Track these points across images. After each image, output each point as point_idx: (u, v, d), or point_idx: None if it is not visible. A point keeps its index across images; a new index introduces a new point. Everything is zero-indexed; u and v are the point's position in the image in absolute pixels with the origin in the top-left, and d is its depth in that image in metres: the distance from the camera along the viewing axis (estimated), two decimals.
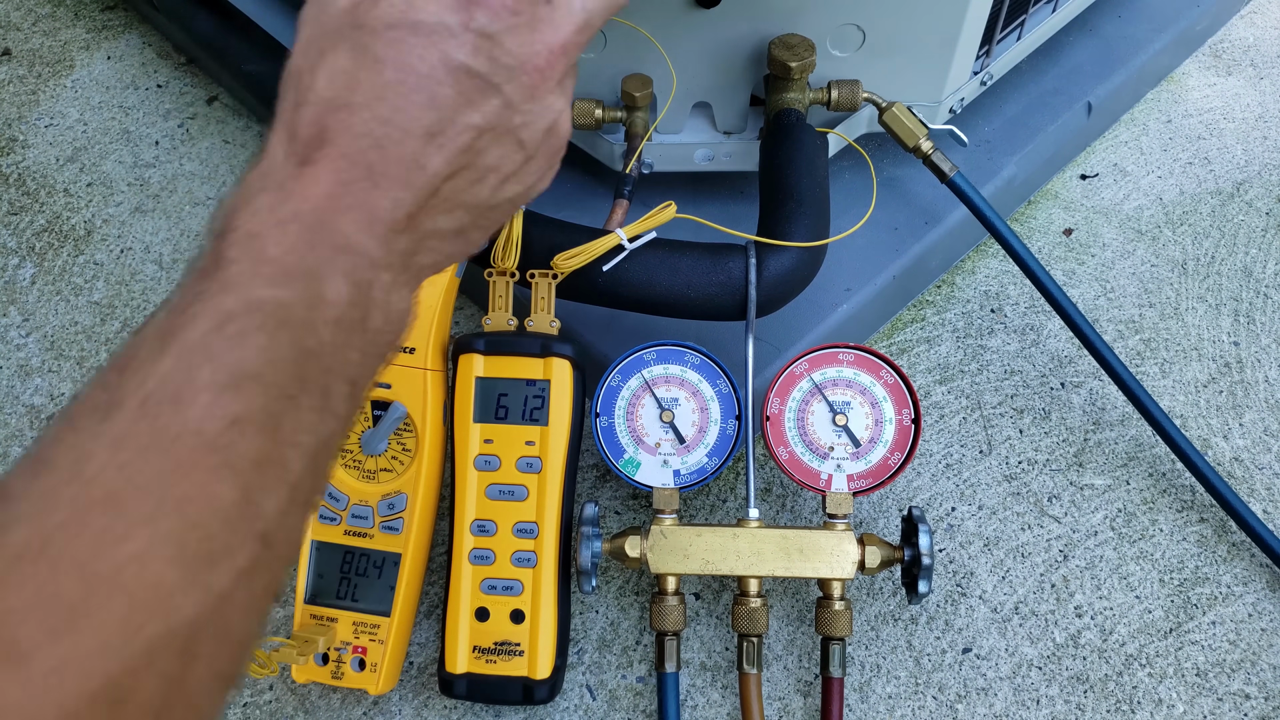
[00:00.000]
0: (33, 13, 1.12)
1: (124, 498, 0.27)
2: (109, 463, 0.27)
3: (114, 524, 0.26)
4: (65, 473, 0.27)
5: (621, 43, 0.67)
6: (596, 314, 0.66)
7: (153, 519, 0.27)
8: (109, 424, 0.28)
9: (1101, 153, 0.92)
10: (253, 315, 0.30)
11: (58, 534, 0.26)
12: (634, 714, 0.61)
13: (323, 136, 0.34)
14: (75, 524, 0.26)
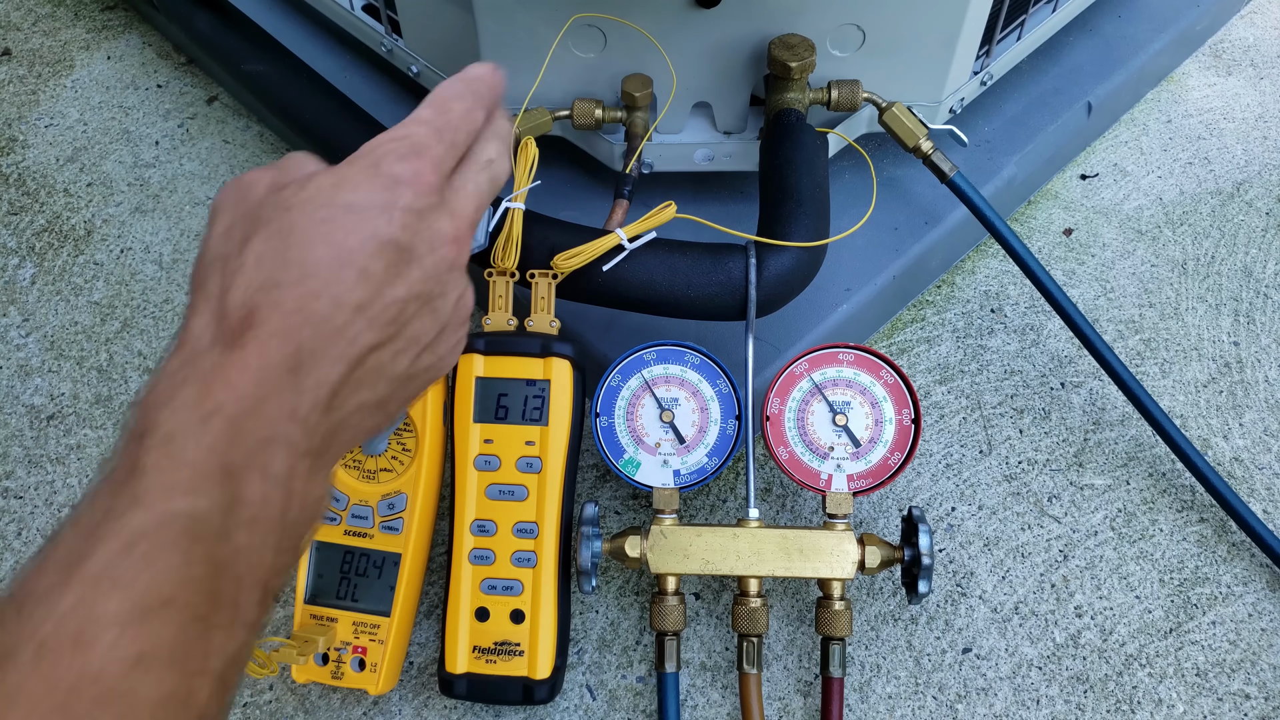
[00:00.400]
0: (33, 13, 1.12)
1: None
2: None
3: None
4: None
5: (621, 43, 0.67)
6: (596, 314, 0.66)
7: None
8: (2, 675, 0.27)
9: (1101, 153, 0.92)
10: (166, 530, 0.29)
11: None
12: (634, 714, 0.61)
13: (252, 317, 0.34)
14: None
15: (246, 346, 0.33)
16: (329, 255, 0.35)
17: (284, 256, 0.35)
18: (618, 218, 0.63)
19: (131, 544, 0.29)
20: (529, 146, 0.62)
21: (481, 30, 0.68)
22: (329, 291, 0.35)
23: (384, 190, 0.37)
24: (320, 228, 0.36)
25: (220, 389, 0.32)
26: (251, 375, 0.33)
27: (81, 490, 0.71)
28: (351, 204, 0.37)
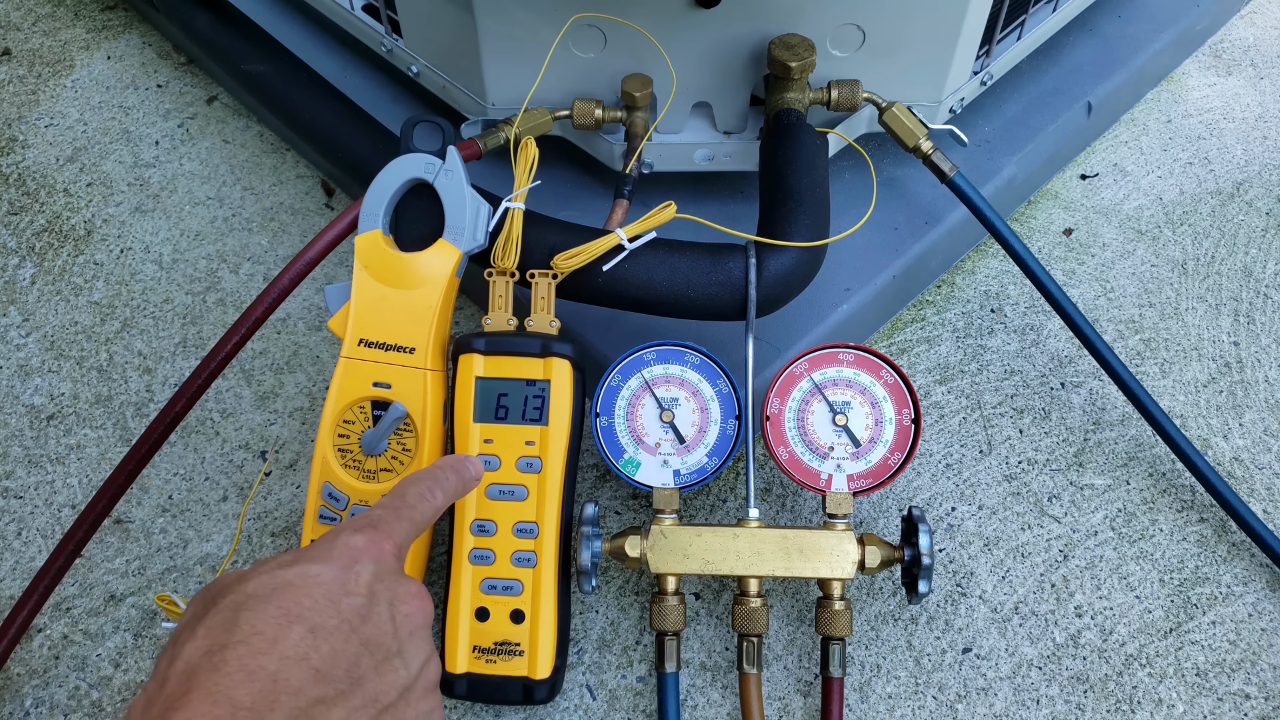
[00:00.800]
0: (33, 13, 1.12)
1: None
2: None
3: None
4: None
5: (621, 43, 0.67)
6: (596, 314, 0.66)
7: None
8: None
9: (1101, 153, 0.92)
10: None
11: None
12: (634, 714, 0.61)
13: (190, 682, 0.34)
14: None
15: (176, 714, 0.33)
16: (279, 615, 0.36)
17: (234, 622, 0.35)
18: (618, 218, 0.63)
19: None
20: (529, 146, 0.62)
21: (481, 30, 0.68)
22: (275, 649, 0.35)
23: (341, 558, 0.39)
24: (274, 594, 0.37)
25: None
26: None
27: (81, 490, 0.72)
28: (306, 572, 0.38)
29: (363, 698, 0.37)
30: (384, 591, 0.39)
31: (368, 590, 0.39)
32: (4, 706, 0.61)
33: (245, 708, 0.33)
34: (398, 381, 0.58)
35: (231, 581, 0.38)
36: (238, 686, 0.34)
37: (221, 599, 0.37)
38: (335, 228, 0.62)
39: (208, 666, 0.34)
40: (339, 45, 0.91)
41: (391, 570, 0.41)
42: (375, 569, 0.40)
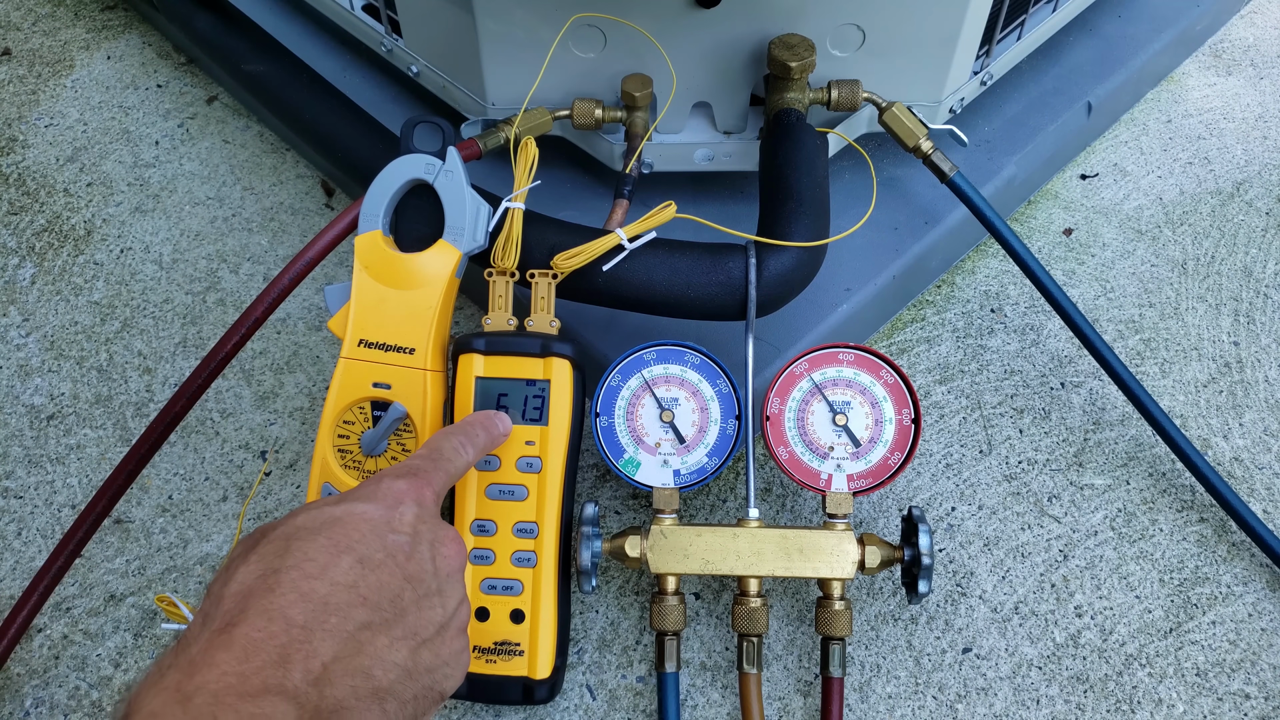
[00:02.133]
0: (33, 13, 1.12)
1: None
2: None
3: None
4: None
5: (621, 43, 0.67)
6: (596, 314, 0.66)
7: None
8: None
9: (1101, 153, 0.92)
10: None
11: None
12: (634, 714, 0.61)
13: (245, 602, 0.36)
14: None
15: (235, 629, 0.34)
16: (329, 545, 0.38)
17: (286, 549, 0.38)
18: (618, 218, 0.63)
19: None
20: (529, 146, 0.62)
21: (481, 30, 0.68)
22: (326, 574, 0.37)
23: (386, 498, 0.41)
24: (324, 528, 0.39)
25: (204, 669, 0.33)
26: (237, 653, 0.34)
27: (81, 490, 0.72)
28: (353, 509, 0.40)
29: (404, 629, 0.39)
30: (426, 532, 0.41)
31: (411, 529, 0.41)
32: (4, 706, 0.61)
33: (299, 625, 0.35)
34: (397, 382, 0.58)
35: (276, 522, 0.40)
36: (291, 605, 0.35)
37: (271, 532, 0.39)
38: (335, 228, 0.62)
39: (262, 588, 0.36)
40: (339, 45, 0.91)
41: (432, 513, 0.43)
42: (418, 511, 0.42)
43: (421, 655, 0.39)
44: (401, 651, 0.38)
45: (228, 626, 0.35)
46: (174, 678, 0.33)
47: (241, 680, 0.33)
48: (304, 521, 0.39)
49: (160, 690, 0.33)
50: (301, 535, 0.38)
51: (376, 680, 0.37)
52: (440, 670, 0.40)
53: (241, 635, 0.34)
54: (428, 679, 0.40)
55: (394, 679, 0.38)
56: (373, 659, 0.37)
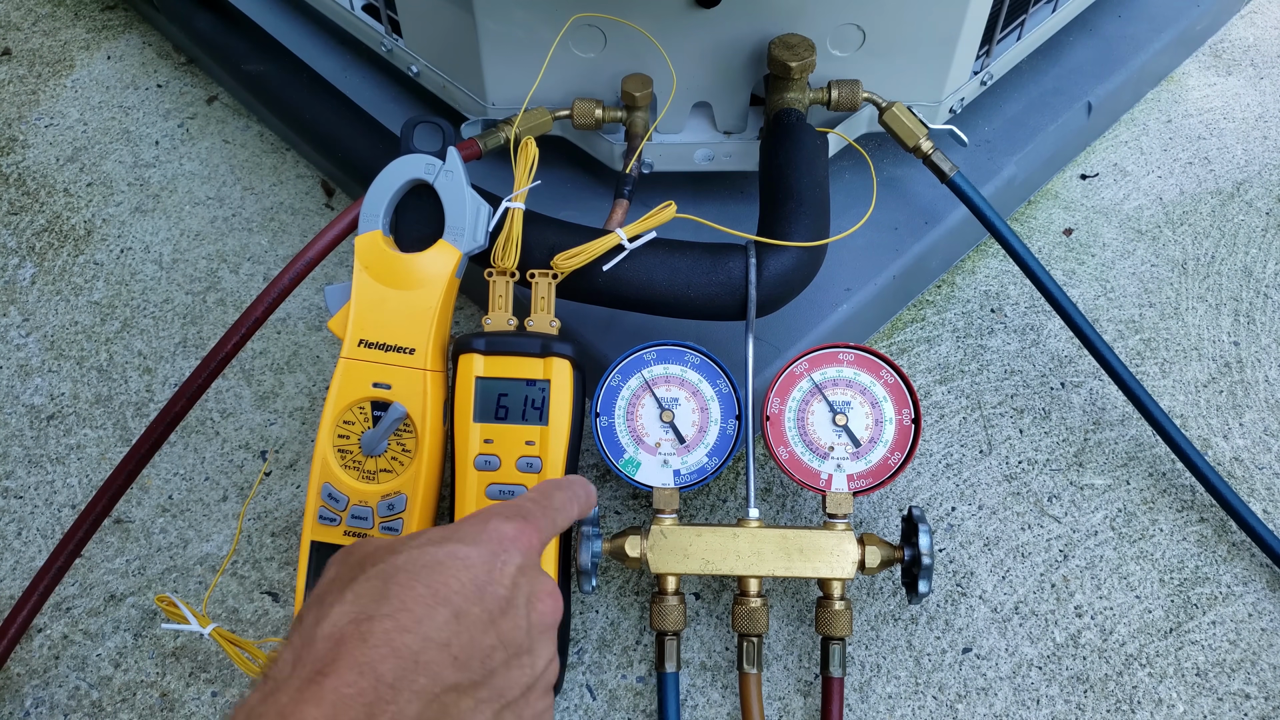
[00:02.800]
0: (33, 13, 1.12)
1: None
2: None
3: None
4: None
5: (621, 43, 0.67)
6: (596, 314, 0.66)
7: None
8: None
9: (1101, 153, 0.92)
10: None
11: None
12: (634, 714, 0.61)
13: (338, 649, 0.35)
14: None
15: (325, 680, 0.34)
16: (427, 594, 0.37)
17: (383, 593, 0.36)
18: (618, 218, 0.63)
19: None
20: (529, 146, 0.62)
21: (481, 30, 0.68)
22: (420, 628, 0.36)
23: (491, 544, 0.40)
24: (423, 571, 0.37)
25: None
26: (326, 710, 0.33)
27: (81, 490, 0.72)
28: (456, 553, 0.38)
29: (490, 691, 0.37)
30: (524, 585, 0.40)
31: (511, 583, 0.39)
32: (4, 706, 0.61)
33: (388, 684, 0.34)
34: (397, 382, 0.58)
35: (378, 550, 0.39)
36: (382, 661, 0.35)
37: (370, 566, 0.38)
38: (335, 228, 0.62)
39: (355, 636, 0.35)
40: (339, 45, 0.91)
41: (534, 564, 0.41)
42: (521, 561, 0.40)
43: (504, 718, 0.38)
44: (485, 714, 0.37)
45: (318, 675, 0.34)
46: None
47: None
48: (404, 563, 0.38)
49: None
50: (400, 579, 0.37)
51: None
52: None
53: (331, 689, 0.34)
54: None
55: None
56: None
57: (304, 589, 0.59)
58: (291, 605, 0.64)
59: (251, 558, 0.68)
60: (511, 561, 0.40)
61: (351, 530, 0.59)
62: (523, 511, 0.42)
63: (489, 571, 0.39)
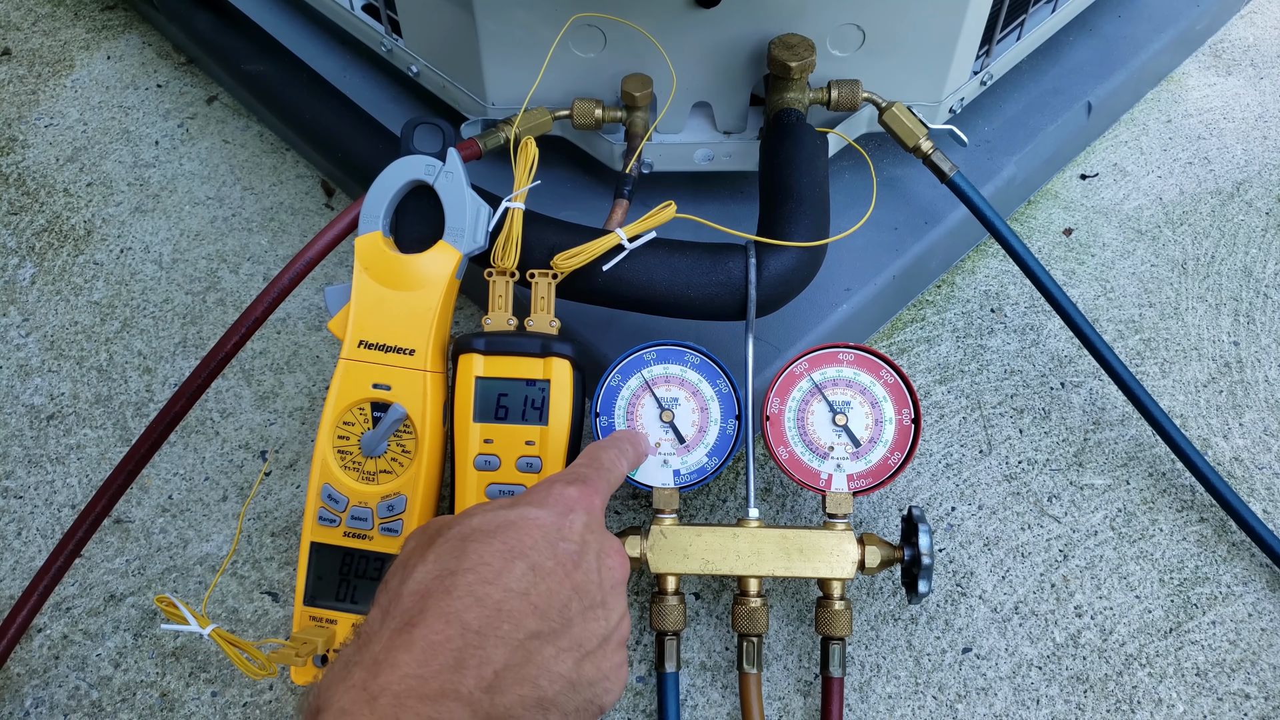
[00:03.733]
0: (33, 13, 1.12)
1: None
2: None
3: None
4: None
5: (621, 43, 0.67)
6: (596, 314, 0.66)
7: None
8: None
9: (1101, 153, 0.92)
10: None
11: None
12: (634, 714, 0.61)
13: (424, 602, 0.37)
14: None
15: (414, 629, 0.36)
16: (503, 550, 0.39)
17: (462, 551, 0.39)
18: (618, 218, 0.63)
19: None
20: (529, 146, 0.62)
21: (481, 30, 0.68)
22: (500, 580, 0.38)
23: (558, 506, 0.42)
24: (498, 531, 0.39)
25: (387, 671, 0.35)
26: (417, 655, 0.35)
27: (81, 490, 0.72)
28: (527, 514, 0.41)
29: (570, 640, 0.39)
30: (593, 542, 0.42)
31: (580, 539, 0.41)
32: (4, 706, 0.61)
33: (474, 630, 0.36)
34: (397, 383, 0.58)
35: (451, 520, 0.41)
36: (467, 610, 0.36)
37: (447, 531, 0.40)
38: (335, 228, 0.62)
39: (440, 590, 0.37)
40: (339, 45, 0.91)
41: (599, 522, 0.43)
42: (587, 519, 0.42)
43: (584, 668, 0.40)
44: (567, 663, 0.39)
45: (407, 626, 0.36)
46: (359, 675, 0.35)
47: (421, 683, 0.34)
48: (479, 524, 0.40)
49: (348, 688, 0.34)
50: (477, 538, 0.39)
51: (542, 690, 0.38)
52: (601, 684, 0.41)
53: (421, 637, 0.35)
54: (589, 692, 0.40)
55: (558, 690, 0.38)
56: (540, 669, 0.38)
57: (303, 590, 0.59)
58: (291, 605, 0.64)
59: (251, 558, 0.68)
60: (579, 520, 0.42)
61: (351, 531, 0.59)
62: (581, 476, 0.45)
63: (559, 529, 0.41)
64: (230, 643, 0.53)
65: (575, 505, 0.43)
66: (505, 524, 0.40)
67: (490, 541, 0.39)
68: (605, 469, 0.48)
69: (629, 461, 0.52)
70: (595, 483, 0.45)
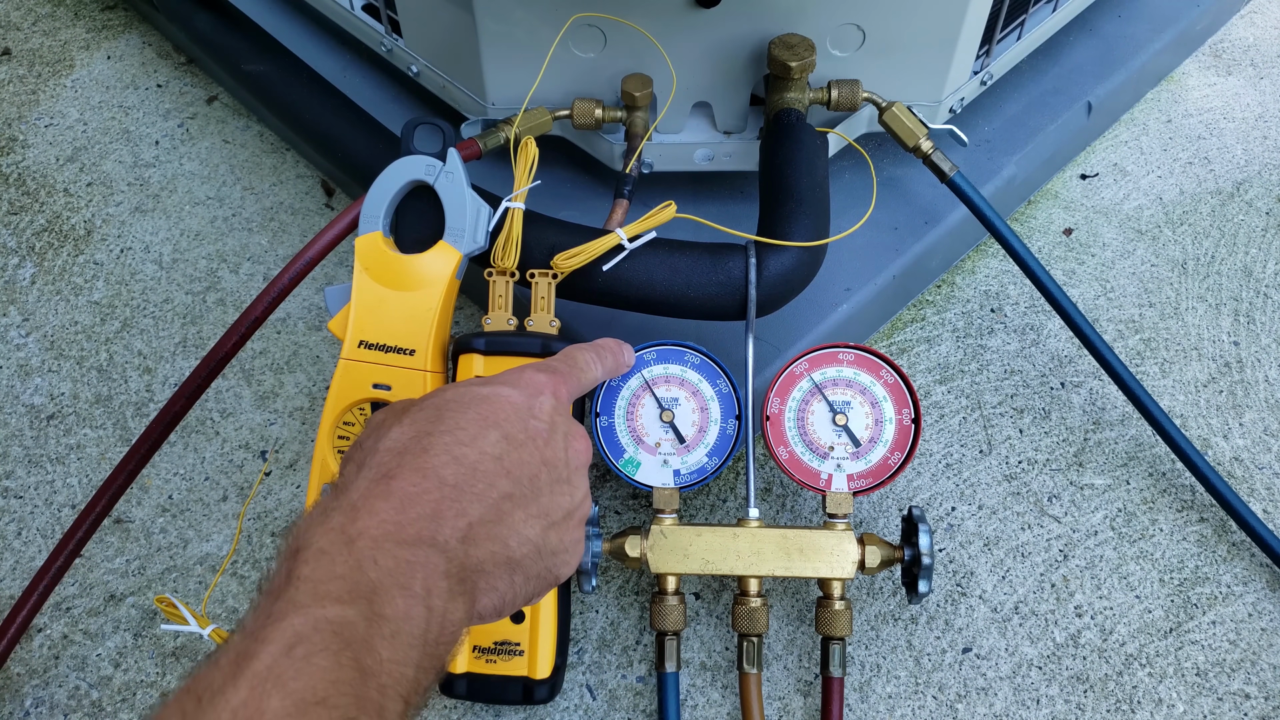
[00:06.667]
0: (33, 13, 1.12)
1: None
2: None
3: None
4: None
5: (621, 43, 0.67)
6: (596, 314, 0.66)
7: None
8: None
9: (1101, 153, 0.92)
10: (319, 635, 0.32)
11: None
12: (634, 714, 0.61)
13: (400, 458, 0.38)
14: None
15: (392, 481, 0.37)
16: (477, 418, 0.40)
17: (439, 416, 0.40)
18: (618, 218, 0.63)
19: (290, 647, 0.31)
20: (529, 146, 0.62)
21: (481, 30, 0.68)
22: (475, 443, 0.39)
23: (529, 387, 0.44)
24: (472, 402, 0.41)
25: (365, 515, 0.36)
26: (394, 504, 0.36)
27: (81, 490, 0.72)
28: (499, 391, 0.42)
29: (538, 508, 0.41)
30: (561, 424, 0.44)
31: (549, 418, 0.43)
32: (4, 706, 0.62)
33: (450, 485, 0.38)
34: (397, 383, 0.58)
35: (424, 396, 0.42)
36: (444, 466, 0.38)
37: (421, 402, 0.41)
38: (335, 227, 0.62)
39: (416, 448, 0.38)
40: (339, 45, 0.91)
41: (566, 408, 0.45)
42: (554, 404, 0.44)
43: (549, 536, 0.41)
44: (535, 528, 0.40)
45: (384, 478, 0.37)
46: (338, 520, 0.36)
47: (398, 528, 0.36)
48: (453, 396, 0.41)
49: (327, 530, 0.35)
50: (452, 406, 0.40)
51: (511, 550, 0.39)
52: (561, 555, 0.42)
53: (398, 488, 0.37)
54: (550, 560, 0.41)
55: (525, 553, 0.40)
56: (510, 529, 0.39)
57: None
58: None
59: (251, 558, 0.68)
60: (547, 403, 0.43)
61: None
62: (551, 367, 0.47)
63: (529, 408, 0.42)
64: None
65: (544, 389, 0.44)
66: (479, 397, 0.41)
67: (465, 410, 0.40)
68: (578, 367, 0.49)
69: (604, 368, 0.53)
70: (565, 374, 0.47)
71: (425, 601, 0.35)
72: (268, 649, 0.31)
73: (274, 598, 0.33)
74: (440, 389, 0.42)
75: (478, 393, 0.42)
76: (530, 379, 0.44)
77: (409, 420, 0.40)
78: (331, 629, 0.32)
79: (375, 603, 0.34)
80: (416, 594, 0.35)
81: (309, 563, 0.34)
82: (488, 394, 0.42)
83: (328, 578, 0.34)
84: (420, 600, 0.35)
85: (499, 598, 0.39)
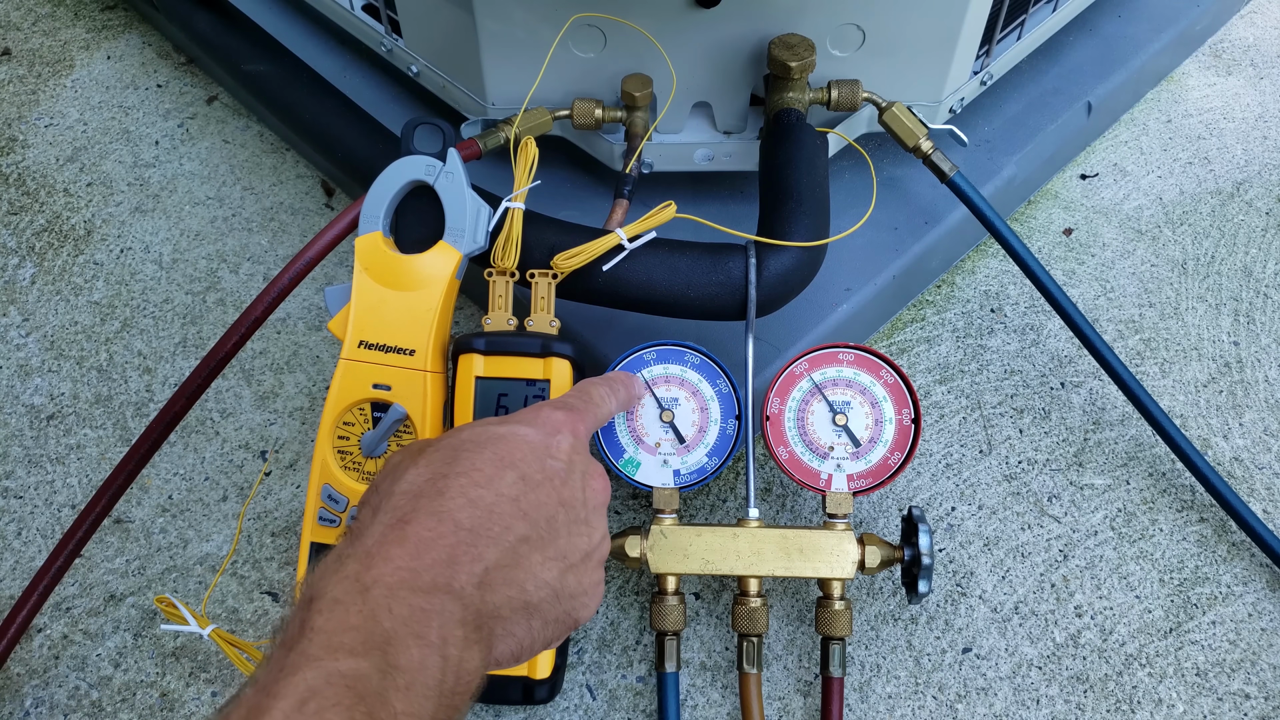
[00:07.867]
0: (33, 13, 1.12)
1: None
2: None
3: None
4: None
5: (621, 43, 0.67)
6: (596, 314, 0.66)
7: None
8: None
9: (1101, 153, 0.92)
10: (331, 690, 0.32)
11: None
12: (634, 714, 0.61)
13: (416, 503, 0.38)
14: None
15: (407, 526, 0.37)
16: (494, 459, 0.40)
17: (455, 458, 0.39)
18: (618, 217, 0.63)
19: (303, 702, 0.31)
20: (529, 146, 0.62)
21: (481, 30, 0.68)
22: (491, 485, 0.39)
23: (546, 425, 0.43)
24: (488, 443, 0.41)
25: (380, 563, 0.35)
26: (409, 550, 0.36)
27: (81, 490, 0.72)
28: (516, 430, 0.42)
29: (555, 550, 0.40)
30: (579, 463, 0.43)
31: (567, 458, 0.42)
32: (4, 706, 0.62)
33: (466, 529, 0.37)
34: (397, 383, 0.58)
35: (438, 436, 0.42)
36: (460, 510, 0.37)
37: (436, 443, 0.41)
38: (335, 227, 0.62)
39: (432, 490, 0.38)
40: (339, 45, 0.91)
41: (584, 446, 0.45)
42: (573, 441, 0.43)
43: (567, 579, 0.41)
44: (552, 571, 0.40)
45: (400, 523, 0.37)
46: (353, 568, 0.35)
47: (414, 575, 0.35)
48: (469, 436, 0.41)
49: (341, 579, 0.35)
50: (469, 447, 0.40)
51: (529, 595, 0.39)
52: (580, 598, 0.42)
53: (413, 533, 0.36)
54: (569, 603, 0.41)
55: (543, 597, 0.39)
56: (527, 573, 0.39)
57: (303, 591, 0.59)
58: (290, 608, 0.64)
59: (251, 558, 0.68)
60: (565, 441, 0.43)
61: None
62: (568, 404, 0.46)
63: (546, 447, 0.42)
64: (230, 643, 0.53)
65: (562, 427, 0.43)
66: (495, 437, 0.41)
67: (481, 451, 0.40)
68: (594, 403, 0.49)
69: (618, 402, 0.53)
70: (582, 411, 0.46)
71: (441, 650, 0.34)
72: (279, 704, 0.31)
73: (287, 649, 0.33)
74: (457, 429, 0.42)
75: (494, 432, 0.41)
76: (548, 417, 0.44)
77: (425, 462, 0.39)
78: (345, 683, 0.32)
79: (390, 653, 0.33)
80: (432, 643, 0.34)
81: (323, 613, 0.34)
82: (504, 433, 0.41)
83: (341, 628, 0.33)
84: (436, 649, 0.34)
85: (516, 643, 0.39)
